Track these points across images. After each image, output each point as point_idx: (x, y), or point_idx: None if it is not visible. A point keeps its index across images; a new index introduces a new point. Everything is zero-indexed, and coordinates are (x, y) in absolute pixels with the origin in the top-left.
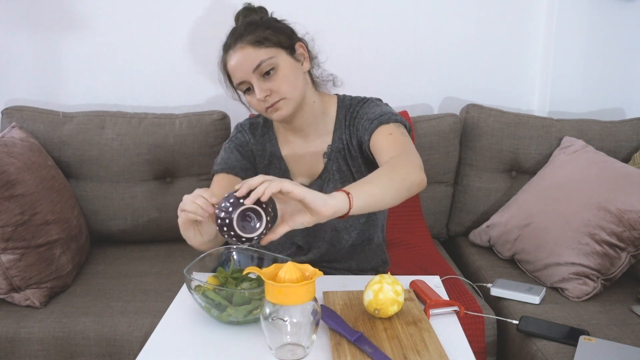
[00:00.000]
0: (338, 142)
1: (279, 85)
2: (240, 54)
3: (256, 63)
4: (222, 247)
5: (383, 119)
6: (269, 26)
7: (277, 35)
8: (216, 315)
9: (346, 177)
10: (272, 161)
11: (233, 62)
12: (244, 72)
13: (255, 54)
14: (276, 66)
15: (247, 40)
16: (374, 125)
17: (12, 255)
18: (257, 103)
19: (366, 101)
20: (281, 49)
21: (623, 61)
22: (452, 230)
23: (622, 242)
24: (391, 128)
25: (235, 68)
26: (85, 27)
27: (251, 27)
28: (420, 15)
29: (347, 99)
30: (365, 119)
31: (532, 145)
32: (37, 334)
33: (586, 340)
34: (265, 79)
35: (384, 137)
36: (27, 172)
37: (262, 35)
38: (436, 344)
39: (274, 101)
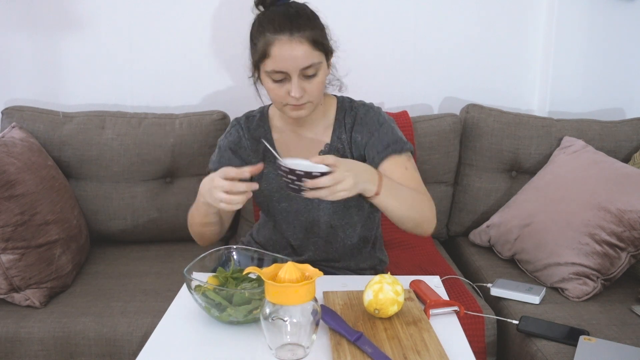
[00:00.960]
0: (337, 142)
1: (313, 89)
2: (298, 48)
3: (308, 63)
4: (222, 248)
5: (396, 148)
6: (322, 27)
7: (327, 41)
8: (216, 315)
9: None
10: (266, 156)
11: (285, 51)
12: (292, 66)
13: (311, 54)
14: (318, 71)
15: (307, 36)
16: (388, 152)
17: (12, 255)
18: (283, 96)
19: (369, 109)
20: (325, 54)
21: (623, 61)
22: (452, 230)
23: (622, 242)
24: (405, 161)
25: (283, 57)
26: (85, 27)
27: (311, 21)
28: (420, 15)
29: (347, 100)
30: (377, 138)
31: (532, 145)
32: (37, 334)
33: (586, 340)
34: (305, 80)
35: (400, 169)
36: (27, 172)
37: (320, 35)
38: (436, 344)
39: (303, 102)
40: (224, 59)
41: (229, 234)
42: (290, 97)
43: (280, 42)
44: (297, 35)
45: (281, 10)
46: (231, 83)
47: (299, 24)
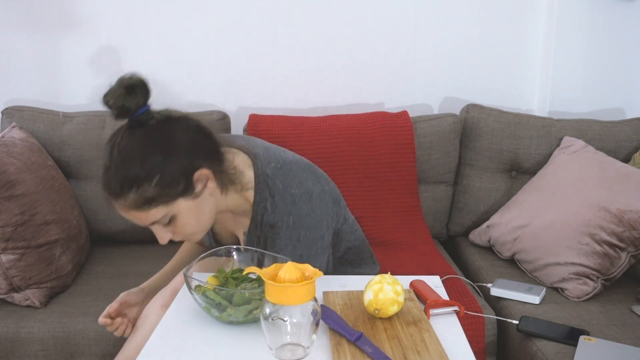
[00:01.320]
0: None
1: (181, 229)
2: (126, 213)
3: (149, 222)
4: (222, 248)
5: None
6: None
7: (167, 190)
8: (216, 315)
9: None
10: None
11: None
12: (135, 222)
13: (146, 216)
14: (176, 215)
15: (129, 205)
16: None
17: (12, 255)
18: None
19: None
20: (176, 199)
21: (623, 61)
22: (452, 230)
23: (622, 242)
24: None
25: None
26: (85, 27)
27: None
28: (420, 15)
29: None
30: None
31: (532, 145)
32: (37, 334)
33: (586, 340)
34: (166, 225)
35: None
36: (27, 172)
37: (149, 194)
38: (436, 344)
39: (182, 238)
40: (223, 59)
41: None
42: None
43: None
44: (121, 204)
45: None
46: (231, 83)
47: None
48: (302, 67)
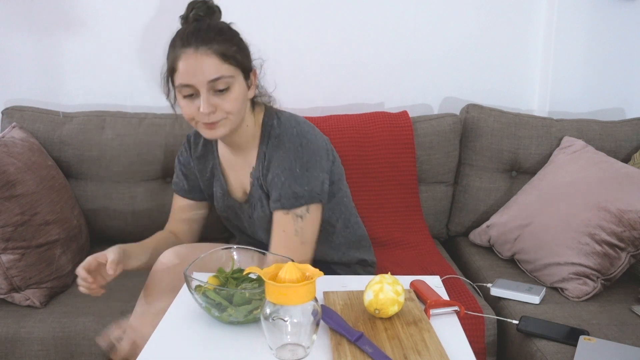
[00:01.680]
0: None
1: (226, 105)
2: (204, 60)
3: (216, 76)
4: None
5: (285, 204)
6: (237, 43)
7: (243, 57)
8: (216, 315)
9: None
10: (214, 174)
11: (190, 63)
12: (198, 78)
13: (219, 67)
14: (231, 86)
15: (215, 49)
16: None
17: (12, 255)
18: (194, 112)
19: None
20: (240, 71)
21: (623, 61)
22: (452, 230)
23: (622, 242)
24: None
25: (189, 69)
26: (85, 27)
27: (221, 35)
28: (420, 15)
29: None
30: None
31: (532, 145)
32: (37, 334)
33: (586, 340)
34: (216, 95)
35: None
36: (27, 172)
37: (231, 49)
38: (436, 344)
39: (216, 120)
40: None
41: (229, 234)
42: (200, 113)
43: (186, 55)
44: (203, 48)
45: (194, 25)
46: None
47: (207, 37)
48: (302, 67)
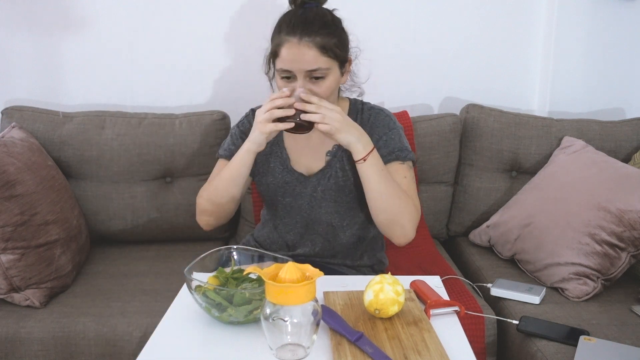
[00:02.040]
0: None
1: (320, 92)
2: (305, 51)
3: (314, 67)
4: (222, 248)
5: (401, 155)
6: (338, 35)
7: (341, 49)
8: (216, 315)
9: (347, 177)
10: (273, 150)
11: (292, 52)
12: (297, 67)
13: (317, 59)
14: (326, 76)
15: (317, 41)
16: (391, 157)
17: (12, 255)
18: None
19: (380, 112)
20: (337, 62)
21: (623, 61)
22: (452, 230)
23: (622, 242)
24: (406, 170)
25: (289, 58)
26: (85, 27)
27: (325, 27)
28: (420, 15)
29: (359, 103)
30: (384, 142)
31: (532, 145)
32: (37, 334)
33: (586, 340)
34: (311, 82)
35: (399, 177)
36: (27, 172)
37: (331, 42)
38: (437, 344)
39: None
40: (224, 59)
41: (229, 234)
42: None
43: (289, 44)
44: (306, 40)
45: (300, 13)
46: (231, 83)
47: (311, 29)
48: None
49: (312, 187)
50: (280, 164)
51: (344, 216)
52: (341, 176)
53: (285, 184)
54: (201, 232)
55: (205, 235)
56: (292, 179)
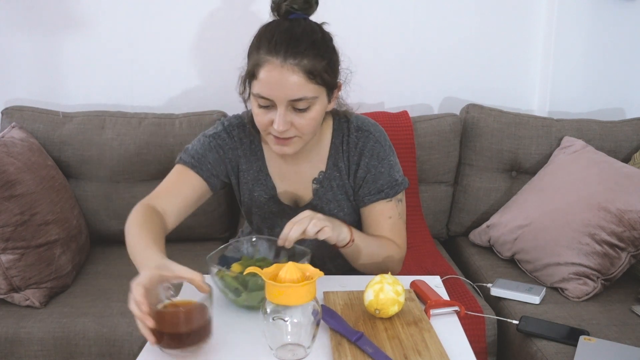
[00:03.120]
0: (333, 169)
1: (303, 125)
2: (288, 76)
3: (298, 96)
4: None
5: (389, 193)
6: (328, 57)
7: (331, 74)
8: (232, 299)
9: (340, 207)
10: (258, 178)
11: (273, 75)
12: (278, 95)
13: (303, 87)
14: (311, 107)
15: (303, 65)
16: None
17: (12, 255)
18: (266, 124)
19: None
20: (325, 89)
21: (623, 61)
22: (452, 230)
23: (622, 242)
24: (392, 208)
25: (270, 83)
26: (85, 27)
27: (314, 48)
28: (420, 15)
29: (343, 122)
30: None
31: (532, 145)
32: (37, 334)
33: (586, 340)
34: (294, 112)
35: (383, 218)
36: (27, 172)
37: (320, 66)
38: (437, 344)
39: (289, 136)
40: (223, 59)
41: (229, 234)
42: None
43: (269, 66)
44: (291, 62)
45: (286, 27)
46: (231, 83)
47: (297, 49)
48: None
49: None
50: (266, 193)
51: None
52: (333, 208)
53: (272, 214)
54: (201, 232)
55: (205, 235)
56: (278, 210)
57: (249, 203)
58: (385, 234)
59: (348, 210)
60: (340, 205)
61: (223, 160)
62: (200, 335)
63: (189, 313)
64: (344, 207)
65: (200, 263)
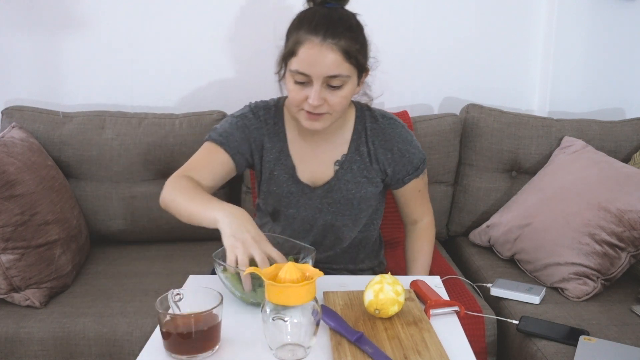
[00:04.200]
0: (355, 154)
1: (335, 102)
2: (327, 54)
3: (334, 73)
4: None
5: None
6: (362, 41)
7: (364, 57)
8: (239, 295)
9: (358, 188)
10: (279, 158)
11: (312, 53)
12: (316, 70)
13: (339, 65)
14: (344, 85)
15: (341, 45)
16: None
17: (12, 255)
18: (301, 100)
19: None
20: (357, 71)
21: (623, 61)
22: (452, 230)
23: (622, 242)
24: (420, 182)
25: (309, 60)
26: (85, 27)
27: (350, 32)
28: (420, 15)
29: (365, 109)
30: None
31: (532, 145)
32: (37, 334)
33: (586, 340)
34: (327, 89)
35: (413, 192)
36: (27, 172)
37: (355, 48)
38: (437, 344)
39: (321, 112)
40: (223, 59)
41: None
42: (307, 103)
43: (310, 44)
44: (330, 42)
45: (324, 12)
46: (231, 83)
47: (336, 31)
48: None
49: (318, 199)
50: (286, 172)
51: (350, 226)
52: (351, 188)
53: (290, 194)
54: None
55: (205, 235)
56: (296, 190)
57: (268, 182)
58: (417, 206)
59: (366, 192)
60: (359, 187)
61: (248, 139)
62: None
63: (200, 319)
64: (362, 189)
65: (200, 263)
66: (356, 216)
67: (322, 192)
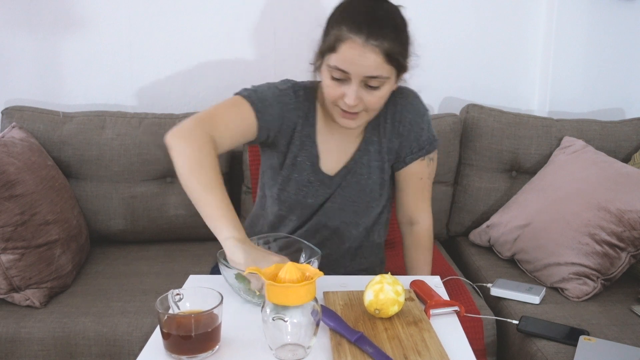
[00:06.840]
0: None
1: (372, 101)
2: (369, 56)
3: (373, 74)
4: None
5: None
6: (405, 42)
7: (405, 59)
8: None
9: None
10: (304, 143)
11: (354, 53)
12: (355, 70)
13: (380, 67)
14: (382, 86)
15: (384, 47)
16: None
17: (12, 255)
18: (337, 96)
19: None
20: (397, 72)
21: (623, 61)
22: (452, 230)
23: (622, 242)
24: (425, 167)
25: (349, 59)
26: (85, 27)
27: (394, 32)
28: (419, 15)
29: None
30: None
31: (532, 145)
32: (37, 334)
33: (586, 340)
34: (365, 89)
35: (416, 178)
36: (27, 172)
37: (397, 50)
38: (437, 344)
39: (357, 111)
40: (224, 59)
41: None
42: (343, 101)
43: (352, 43)
44: (373, 43)
45: (369, 7)
46: (231, 83)
47: (380, 32)
48: (303, 67)
49: (334, 187)
50: (309, 160)
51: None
52: (365, 172)
53: (309, 183)
54: (201, 232)
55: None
56: (315, 180)
57: (290, 167)
58: (416, 198)
59: (376, 178)
60: (370, 172)
61: (282, 118)
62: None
63: (200, 319)
64: (373, 174)
65: (200, 263)
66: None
67: (338, 178)
